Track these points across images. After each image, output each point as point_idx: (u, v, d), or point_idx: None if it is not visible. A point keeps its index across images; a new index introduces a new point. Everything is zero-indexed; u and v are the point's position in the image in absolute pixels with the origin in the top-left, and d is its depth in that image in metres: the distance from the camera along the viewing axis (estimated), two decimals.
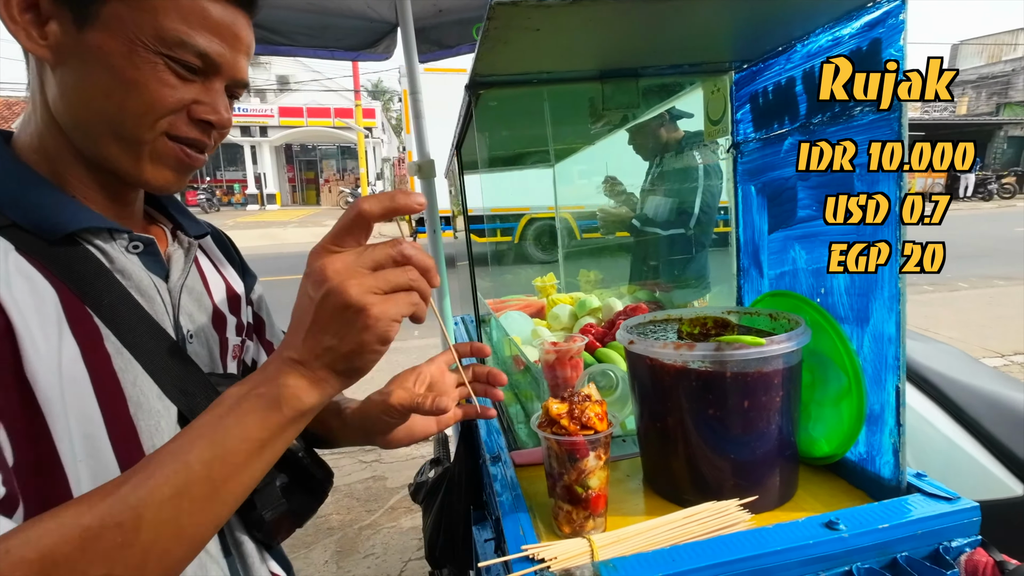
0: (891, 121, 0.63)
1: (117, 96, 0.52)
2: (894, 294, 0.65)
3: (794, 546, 0.59)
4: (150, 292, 0.58)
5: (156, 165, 0.56)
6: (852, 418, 0.73)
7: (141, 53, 0.51)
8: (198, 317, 0.64)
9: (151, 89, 0.52)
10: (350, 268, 0.43)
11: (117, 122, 0.53)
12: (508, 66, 0.78)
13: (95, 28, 0.50)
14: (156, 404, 0.55)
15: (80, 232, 0.54)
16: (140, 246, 0.59)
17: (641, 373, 0.77)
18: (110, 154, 0.54)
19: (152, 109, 0.53)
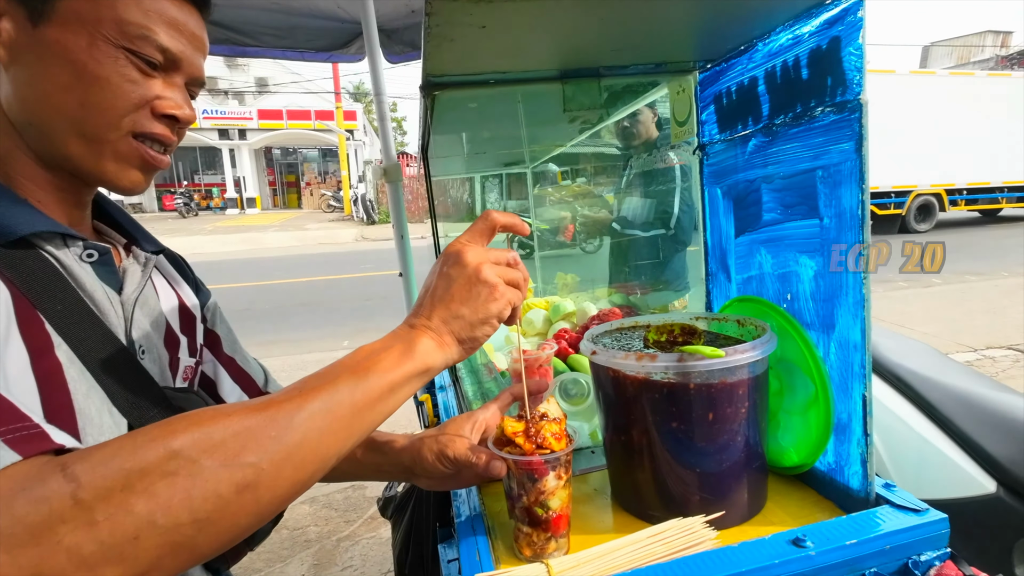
0: (851, 122, 0.61)
1: (78, 92, 0.51)
2: (859, 300, 0.63)
3: (760, 567, 0.56)
4: (103, 303, 0.56)
5: (120, 165, 0.55)
6: (820, 427, 0.71)
7: (102, 47, 0.50)
8: (151, 333, 0.62)
9: (113, 83, 0.51)
10: (482, 256, 0.53)
11: (79, 119, 0.52)
12: (459, 66, 0.74)
13: (52, 23, 0.49)
14: (106, 419, 0.52)
15: (33, 236, 0.52)
16: (94, 255, 0.57)
17: (605, 384, 0.74)
18: (72, 153, 0.53)
19: (115, 104, 0.52)
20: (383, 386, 0.47)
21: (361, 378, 0.46)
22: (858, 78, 0.59)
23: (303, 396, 0.44)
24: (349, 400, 0.45)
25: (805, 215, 0.70)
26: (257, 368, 0.80)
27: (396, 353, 0.49)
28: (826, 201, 0.66)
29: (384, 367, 0.48)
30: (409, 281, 1.63)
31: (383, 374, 0.48)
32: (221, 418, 0.40)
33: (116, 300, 0.58)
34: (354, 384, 0.46)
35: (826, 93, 0.64)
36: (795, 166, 0.71)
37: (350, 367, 0.47)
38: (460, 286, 0.52)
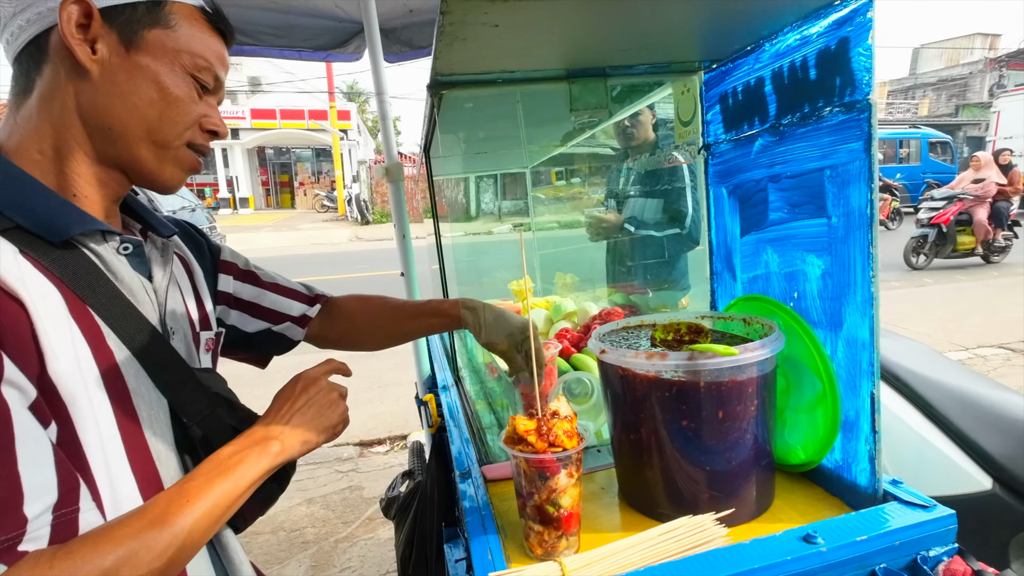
0: (860, 122, 0.61)
1: (160, 106, 0.61)
2: (867, 298, 0.63)
3: (772, 563, 0.57)
4: (140, 293, 0.64)
5: (175, 168, 0.66)
6: (827, 425, 0.71)
7: (179, 72, 0.62)
8: (177, 314, 0.70)
9: (185, 103, 0.63)
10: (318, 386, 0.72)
11: (155, 128, 0.62)
12: (469, 65, 0.74)
13: (141, 50, 0.60)
14: (153, 395, 0.61)
15: (78, 236, 0.59)
16: (129, 248, 0.65)
17: (614, 383, 0.75)
18: (141, 156, 0.63)
19: (183, 120, 0.63)
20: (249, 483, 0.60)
21: (237, 481, 0.59)
22: (867, 78, 0.60)
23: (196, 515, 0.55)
24: (226, 504, 0.58)
25: (813, 214, 0.71)
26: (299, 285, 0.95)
27: (254, 455, 0.61)
28: (834, 200, 0.67)
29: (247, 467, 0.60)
30: (411, 281, 1.63)
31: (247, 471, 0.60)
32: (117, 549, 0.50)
33: (150, 288, 0.66)
34: (232, 489, 0.58)
35: (835, 93, 0.64)
36: (802, 165, 0.72)
37: (222, 474, 0.59)
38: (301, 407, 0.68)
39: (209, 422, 0.65)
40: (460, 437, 1.01)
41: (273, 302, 0.89)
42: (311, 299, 0.94)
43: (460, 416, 1.11)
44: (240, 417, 0.70)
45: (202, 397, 0.66)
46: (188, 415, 0.64)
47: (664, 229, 1.59)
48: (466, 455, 0.92)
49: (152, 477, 0.59)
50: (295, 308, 0.91)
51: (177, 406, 0.63)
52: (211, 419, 0.66)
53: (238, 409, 0.70)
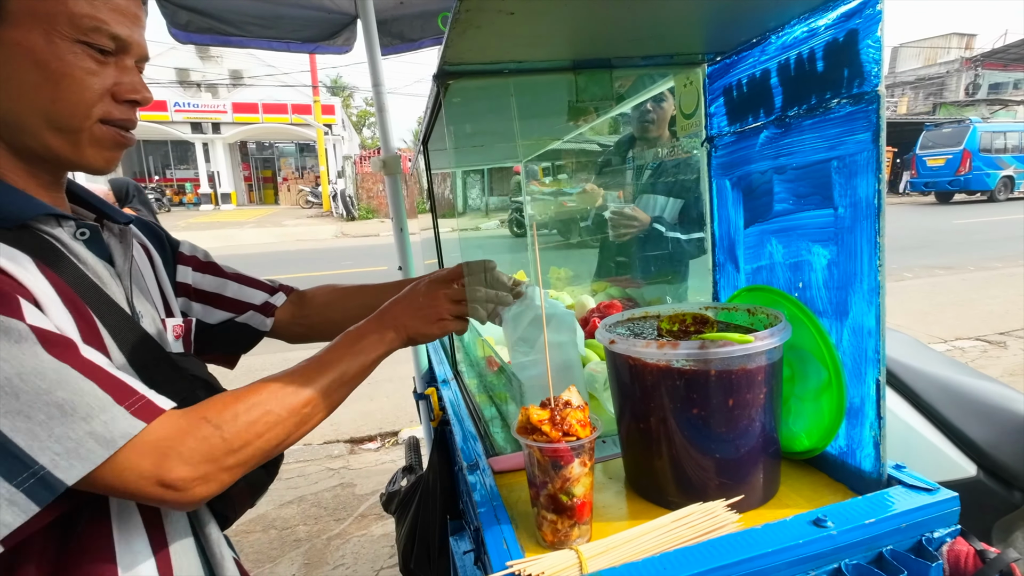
0: (868, 113, 0.62)
1: (47, 90, 0.54)
2: (874, 287, 0.64)
3: (784, 547, 0.58)
4: (105, 276, 0.63)
5: (96, 149, 0.60)
6: (832, 412, 0.73)
7: (59, 43, 0.54)
8: (144, 301, 0.69)
9: (78, 78, 0.55)
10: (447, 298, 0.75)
11: (52, 114, 0.55)
12: (479, 54, 0.74)
13: (8, 25, 0.52)
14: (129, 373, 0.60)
15: (32, 220, 0.57)
16: (86, 232, 0.63)
17: (622, 373, 0.75)
18: (50, 144, 0.57)
19: (83, 97, 0.56)
20: (368, 364, 0.69)
21: (356, 358, 0.67)
22: (876, 70, 0.61)
23: (329, 377, 0.64)
24: (351, 375, 0.66)
25: (819, 205, 0.72)
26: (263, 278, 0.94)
27: (374, 340, 0.69)
28: (841, 191, 0.68)
29: (371, 352, 0.69)
30: (408, 275, 1.61)
31: (370, 356, 0.69)
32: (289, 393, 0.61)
33: (113, 272, 0.65)
34: (353, 363, 0.67)
35: (842, 85, 0.65)
36: (809, 157, 0.72)
37: (349, 351, 0.68)
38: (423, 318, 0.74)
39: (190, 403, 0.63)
40: (464, 430, 1.00)
41: (236, 292, 0.88)
42: (275, 288, 0.93)
43: (463, 410, 1.11)
44: None
45: (179, 379, 0.65)
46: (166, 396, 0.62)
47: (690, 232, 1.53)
48: (471, 449, 0.92)
49: None
50: (258, 297, 0.89)
51: (153, 387, 0.60)
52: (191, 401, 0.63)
53: (218, 390, 0.69)
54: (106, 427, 0.49)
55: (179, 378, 0.65)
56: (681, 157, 1.56)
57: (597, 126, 1.99)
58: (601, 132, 2.24)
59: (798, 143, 0.74)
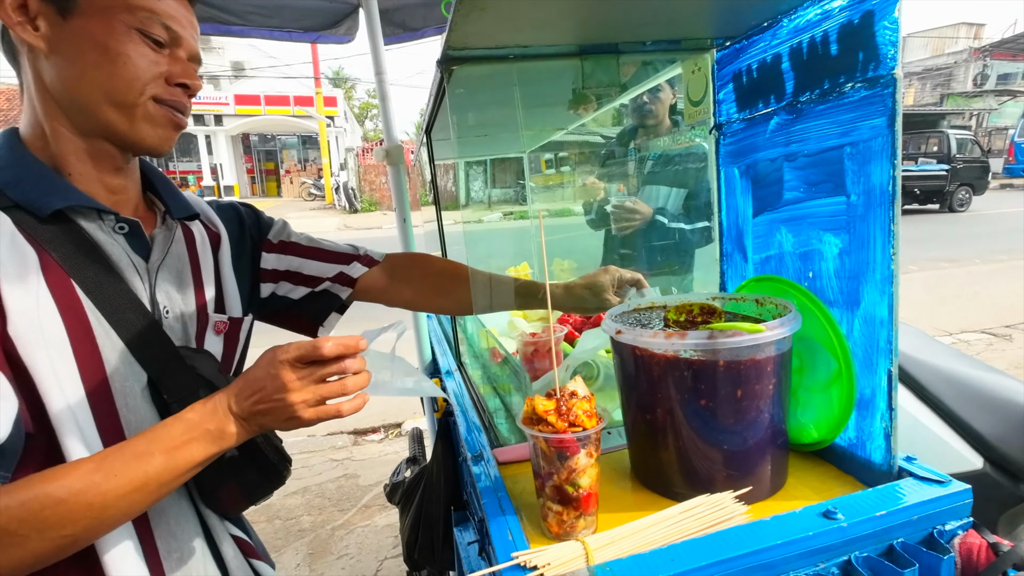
0: (884, 97, 0.61)
1: (106, 67, 0.60)
2: (887, 276, 0.63)
3: (794, 539, 0.57)
4: (128, 271, 0.65)
5: (149, 125, 0.64)
6: (842, 403, 0.72)
7: (118, 28, 0.60)
8: (175, 295, 0.70)
9: (132, 58, 0.61)
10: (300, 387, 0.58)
11: (109, 88, 0.61)
12: (483, 38, 0.72)
13: (76, 15, 0.59)
14: (128, 369, 0.62)
15: (69, 210, 0.61)
16: (125, 227, 0.66)
17: (628, 364, 0.74)
18: (108, 119, 0.62)
19: (137, 75, 0.62)
20: (189, 467, 0.57)
21: (171, 462, 0.56)
22: (892, 52, 0.59)
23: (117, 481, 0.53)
24: (156, 481, 0.55)
25: (830, 192, 0.70)
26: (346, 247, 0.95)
27: (208, 439, 0.58)
28: (854, 178, 0.66)
29: (194, 453, 0.57)
30: None
31: (191, 459, 0.57)
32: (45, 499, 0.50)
33: (142, 267, 0.67)
34: (163, 468, 0.55)
35: (857, 68, 0.64)
36: (821, 143, 0.71)
37: (164, 450, 0.55)
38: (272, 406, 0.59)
39: (190, 402, 0.63)
40: (468, 421, 1.00)
41: (313, 268, 0.90)
42: (352, 257, 0.93)
43: (467, 401, 1.10)
44: None
45: (185, 376, 0.66)
46: (169, 392, 0.65)
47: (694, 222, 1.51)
48: (475, 440, 0.91)
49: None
50: (331, 270, 0.91)
51: (159, 382, 0.64)
52: (192, 399, 0.63)
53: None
54: None
55: (185, 376, 0.66)
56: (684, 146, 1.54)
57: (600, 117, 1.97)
58: (604, 124, 2.22)
59: (810, 129, 0.72)
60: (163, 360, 0.65)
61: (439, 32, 2.44)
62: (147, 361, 0.63)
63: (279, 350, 0.59)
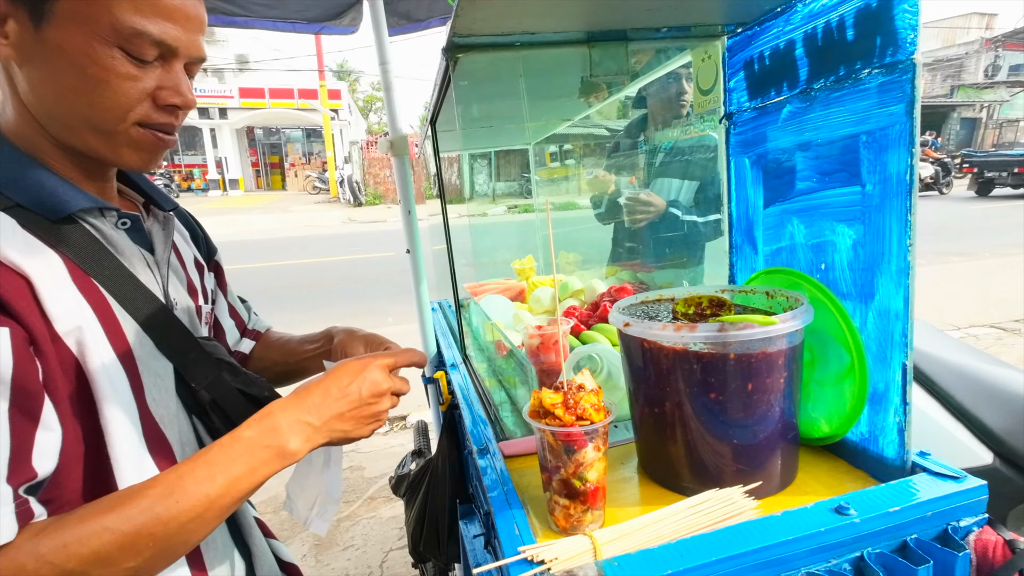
0: (903, 84, 0.59)
1: (86, 94, 0.54)
2: (903, 267, 0.62)
3: (805, 534, 0.56)
4: (140, 265, 0.64)
5: (133, 150, 0.60)
6: (854, 398, 0.70)
7: (98, 48, 0.53)
8: (179, 287, 0.71)
9: (114, 85, 0.54)
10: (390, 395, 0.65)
11: (89, 117, 0.56)
12: (490, 24, 0.70)
13: (52, 25, 0.52)
14: (156, 363, 0.62)
15: (78, 212, 0.58)
16: (127, 223, 0.65)
17: (637, 357, 0.73)
18: (89, 144, 0.58)
19: (119, 103, 0.56)
20: (253, 487, 0.56)
21: (233, 485, 0.53)
22: (912, 36, 0.57)
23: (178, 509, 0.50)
24: (219, 505, 0.53)
25: (845, 182, 0.69)
26: (242, 307, 0.93)
27: (271, 455, 0.56)
28: (870, 167, 0.64)
29: (257, 473, 0.55)
30: (416, 258, 1.60)
31: (254, 479, 0.55)
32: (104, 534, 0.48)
33: (152, 261, 0.67)
34: (225, 491, 0.53)
35: (874, 54, 0.62)
36: (835, 132, 0.69)
37: (224, 470, 0.53)
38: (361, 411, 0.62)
39: (216, 386, 0.67)
40: (473, 414, 0.99)
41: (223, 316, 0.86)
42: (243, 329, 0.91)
43: (472, 393, 1.10)
44: (244, 380, 0.71)
45: (207, 362, 0.67)
46: (196, 380, 0.65)
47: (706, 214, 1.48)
48: (482, 432, 0.91)
49: (160, 441, 0.61)
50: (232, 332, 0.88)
51: (184, 372, 0.64)
52: (217, 383, 0.67)
53: (240, 372, 0.71)
54: None
55: (207, 362, 0.67)
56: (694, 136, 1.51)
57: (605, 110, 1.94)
58: (609, 116, 2.19)
59: (824, 117, 0.71)
60: (185, 350, 0.65)
61: (443, 23, 2.42)
62: (172, 353, 0.64)
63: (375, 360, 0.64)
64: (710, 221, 1.46)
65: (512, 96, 1.19)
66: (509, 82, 1.07)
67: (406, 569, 2.10)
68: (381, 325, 5.15)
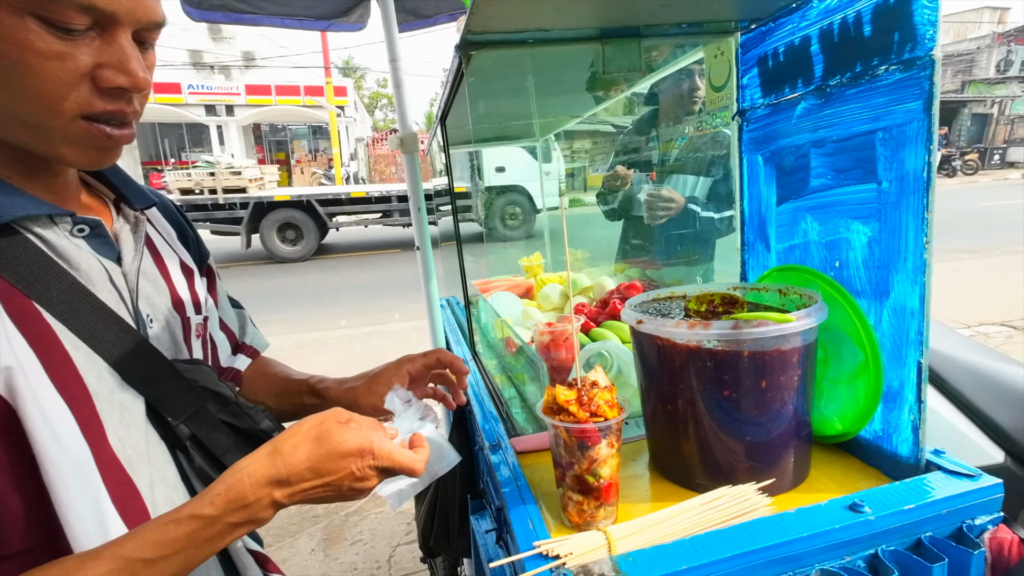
0: (921, 80, 0.59)
1: (1, 80, 0.43)
2: (919, 265, 0.61)
3: (820, 531, 0.56)
4: (101, 279, 0.54)
5: (75, 147, 0.49)
6: (868, 395, 0.70)
7: (5, 19, 0.41)
8: (157, 300, 0.60)
9: (34, 66, 0.43)
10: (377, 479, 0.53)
11: (11, 108, 0.45)
12: (504, 21, 0.71)
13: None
14: (121, 396, 0.52)
15: (18, 220, 0.48)
16: (86, 229, 0.54)
17: (649, 354, 0.73)
18: (21, 140, 0.48)
19: (45, 89, 0.44)
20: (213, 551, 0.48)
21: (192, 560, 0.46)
22: (931, 32, 0.57)
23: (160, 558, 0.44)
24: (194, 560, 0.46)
25: (860, 179, 0.68)
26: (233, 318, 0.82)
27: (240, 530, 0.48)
28: (886, 164, 0.64)
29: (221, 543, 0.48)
30: (426, 254, 1.60)
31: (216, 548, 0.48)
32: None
33: (117, 272, 0.56)
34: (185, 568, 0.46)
35: (892, 50, 0.61)
36: (851, 128, 0.69)
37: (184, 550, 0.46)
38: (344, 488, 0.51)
39: (197, 419, 0.57)
40: (484, 410, 1.00)
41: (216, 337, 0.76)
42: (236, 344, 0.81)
43: (482, 390, 1.10)
44: (233, 411, 0.61)
45: (186, 392, 0.57)
46: (172, 413, 0.56)
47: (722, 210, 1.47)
48: (493, 428, 0.91)
49: (125, 486, 0.50)
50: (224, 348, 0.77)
51: (158, 404, 0.55)
52: (199, 415, 0.58)
53: (230, 402, 0.62)
54: None
55: (186, 392, 0.58)
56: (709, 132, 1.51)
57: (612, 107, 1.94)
58: (616, 113, 2.19)
59: (839, 114, 0.70)
60: (159, 379, 0.55)
61: (451, 19, 2.41)
62: (141, 384, 0.54)
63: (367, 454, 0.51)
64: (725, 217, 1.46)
65: (521, 92, 1.19)
66: (519, 78, 1.07)
67: (414, 564, 2.12)
68: (387, 321, 5.17)
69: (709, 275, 1.50)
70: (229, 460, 0.59)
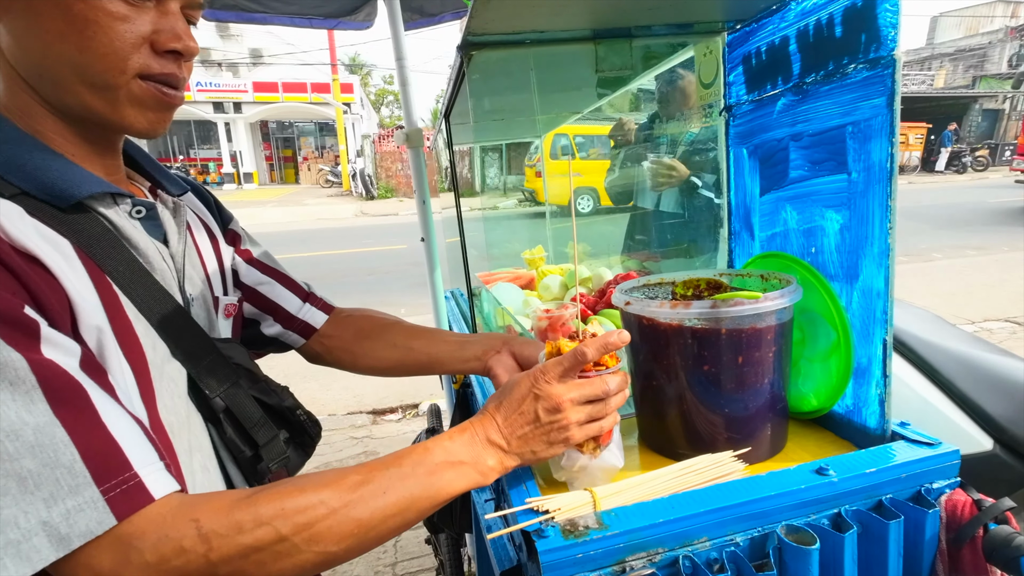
0: (884, 78, 0.63)
1: (74, 38, 0.48)
2: (884, 249, 0.66)
3: (787, 491, 0.61)
4: (156, 261, 0.59)
5: (136, 109, 0.54)
6: (840, 372, 0.75)
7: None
8: (196, 281, 0.66)
9: (104, 25, 0.49)
10: (573, 404, 0.59)
11: (82, 66, 0.50)
12: (502, 23, 0.76)
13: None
14: (169, 367, 0.57)
15: (87, 198, 0.53)
16: (143, 211, 0.60)
17: (636, 333, 0.79)
18: (85, 103, 0.52)
19: (113, 47, 0.49)
20: (449, 497, 0.56)
21: (433, 492, 0.54)
22: (893, 34, 0.62)
23: (383, 501, 0.51)
24: (418, 508, 0.53)
25: (833, 171, 0.73)
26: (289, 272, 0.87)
27: (469, 474, 0.56)
28: (855, 156, 0.69)
29: (455, 486, 0.55)
30: (431, 247, 1.66)
31: (452, 490, 0.55)
32: (320, 507, 0.48)
33: (167, 254, 0.61)
34: (425, 496, 0.54)
35: (859, 50, 0.66)
36: (825, 123, 0.74)
37: (426, 479, 0.54)
38: (544, 432, 0.59)
39: (231, 393, 0.62)
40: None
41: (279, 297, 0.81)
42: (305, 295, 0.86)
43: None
44: (262, 388, 0.67)
45: (223, 368, 0.62)
46: (210, 387, 0.60)
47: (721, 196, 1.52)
48: None
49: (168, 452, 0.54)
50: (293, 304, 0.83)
51: (198, 378, 0.60)
52: (233, 390, 0.63)
53: (260, 380, 0.68)
54: (67, 519, 0.40)
55: (223, 367, 0.63)
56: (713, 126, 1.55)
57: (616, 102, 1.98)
58: (621, 108, 2.23)
59: (814, 109, 0.75)
60: (200, 355, 0.60)
61: (456, 17, 2.46)
62: (185, 357, 0.59)
63: (539, 372, 0.59)
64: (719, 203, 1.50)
65: (523, 90, 1.24)
66: (520, 76, 1.12)
67: (419, 547, 2.19)
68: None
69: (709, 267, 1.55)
70: (258, 434, 0.64)
